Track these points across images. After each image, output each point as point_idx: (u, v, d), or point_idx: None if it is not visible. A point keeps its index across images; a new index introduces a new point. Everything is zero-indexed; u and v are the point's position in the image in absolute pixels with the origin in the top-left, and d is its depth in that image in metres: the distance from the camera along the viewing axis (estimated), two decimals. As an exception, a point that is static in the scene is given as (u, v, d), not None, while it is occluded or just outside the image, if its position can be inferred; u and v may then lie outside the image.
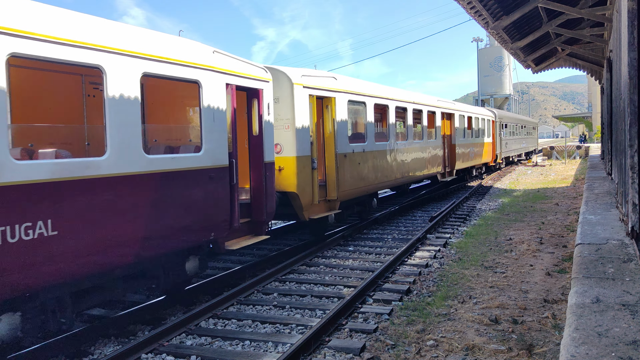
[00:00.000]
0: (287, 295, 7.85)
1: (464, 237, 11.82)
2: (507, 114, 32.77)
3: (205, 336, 6.25)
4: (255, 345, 5.96)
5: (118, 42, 5.80)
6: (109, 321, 6.47)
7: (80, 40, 5.35)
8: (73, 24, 5.39)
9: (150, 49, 6.24)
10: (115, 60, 5.72)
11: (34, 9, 5.07)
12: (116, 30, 5.93)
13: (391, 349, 5.65)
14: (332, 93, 10.99)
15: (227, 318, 6.87)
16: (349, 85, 11.85)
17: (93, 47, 5.48)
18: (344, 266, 9.49)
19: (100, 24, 5.79)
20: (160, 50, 6.38)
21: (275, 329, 6.48)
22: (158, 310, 7.20)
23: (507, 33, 14.44)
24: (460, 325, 6.29)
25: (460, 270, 8.81)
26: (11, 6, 4.84)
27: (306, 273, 9.12)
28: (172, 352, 5.72)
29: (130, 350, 5.53)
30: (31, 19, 4.93)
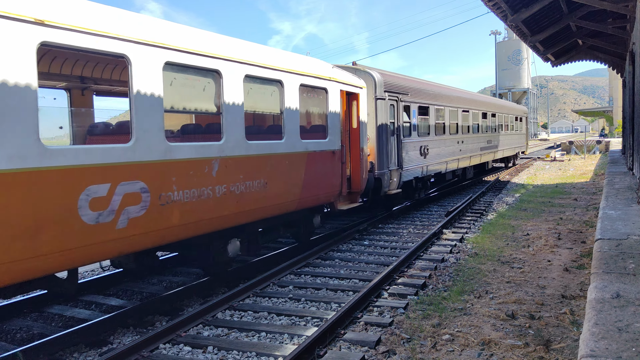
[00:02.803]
0: (302, 288, 7.89)
1: (480, 232, 11.73)
2: (420, 84, 16.18)
3: (222, 327, 6.31)
4: (271, 337, 6.00)
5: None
6: (128, 311, 6.56)
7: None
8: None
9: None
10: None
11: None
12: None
13: (406, 343, 5.65)
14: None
15: (243, 310, 6.93)
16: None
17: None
18: (359, 260, 9.50)
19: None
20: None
21: (291, 321, 6.52)
22: (175, 301, 7.30)
23: (526, 26, 14.24)
24: (477, 320, 6.26)
25: (477, 265, 8.76)
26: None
27: (321, 266, 9.14)
28: (190, 343, 5.80)
29: (148, 340, 5.61)
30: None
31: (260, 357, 5.46)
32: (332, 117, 9.98)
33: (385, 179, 12.50)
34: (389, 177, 12.68)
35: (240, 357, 5.46)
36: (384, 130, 12.46)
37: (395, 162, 13.16)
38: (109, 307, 7.26)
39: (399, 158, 13.36)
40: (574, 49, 19.11)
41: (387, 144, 12.58)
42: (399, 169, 13.31)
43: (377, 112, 12.27)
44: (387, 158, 12.63)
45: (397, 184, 13.23)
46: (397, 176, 13.19)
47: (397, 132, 13.26)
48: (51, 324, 6.71)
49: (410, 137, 14.20)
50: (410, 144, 14.23)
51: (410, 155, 14.11)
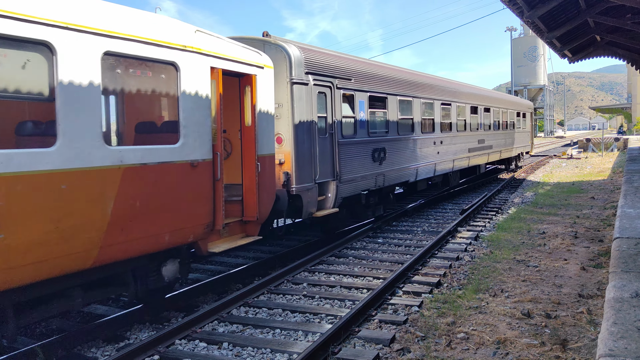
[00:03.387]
0: (316, 285, 7.91)
1: (495, 230, 11.64)
2: (373, 67, 12.30)
3: (237, 324, 6.36)
4: (285, 334, 6.03)
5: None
6: (143, 307, 6.64)
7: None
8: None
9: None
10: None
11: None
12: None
13: (421, 341, 5.63)
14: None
15: (257, 306, 6.97)
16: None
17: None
18: (373, 258, 9.48)
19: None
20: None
21: (305, 318, 6.55)
22: (191, 298, 7.36)
23: (542, 22, 14.05)
24: (492, 319, 6.22)
25: (492, 264, 8.69)
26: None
27: (335, 264, 9.15)
28: (205, 339, 5.85)
29: (164, 336, 5.68)
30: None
31: (275, 353, 5.49)
32: (192, 110, 6.41)
33: (308, 197, 9.00)
34: (315, 193, 9.24)
35: (255, 354, 5.50)
36: (307, 128, 9.00)
37: (328, 172, 9.64)
38: (125, 302, 7.34)
39: (335, 166, 9.78)
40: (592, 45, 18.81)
41: (311, 148, 9.13)
42: (335, 180, 9.76)
43: (293, 102, 8.73)
44: (313, 167, 9.14)
45: (333, 201, 9.78)
46: (333, 190, 9.74)
47: (331, 131, 9.71)
48: (69, 319, 6.81)
49: (355, 136, 10.52)
50: (355, 146, 10.52)
51: (354, 161, 10.46)
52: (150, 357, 5.35)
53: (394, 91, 12.30)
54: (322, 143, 9.50)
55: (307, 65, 9.10)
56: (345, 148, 10.19)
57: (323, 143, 9.53)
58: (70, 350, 5.67)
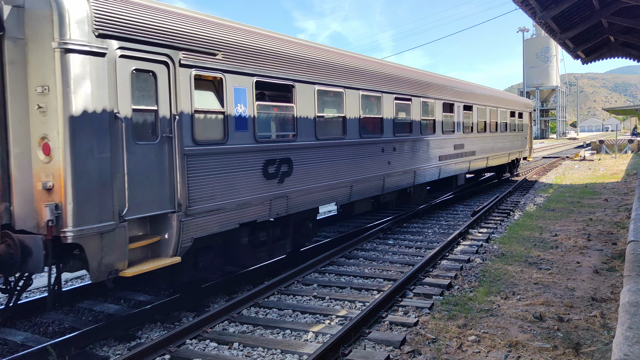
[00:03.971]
0: (326, 286, 7.90)
1: (507, 232, 11.56)
2: (261, 38, 8.05)
3: (247, 324, 6.37)
4: (295, 335, 6.03)
5: None
6: (155, 307, 6.67)
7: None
8: None
9: None
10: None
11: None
12: None
13: (432, 343, 5.60)
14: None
15: (268, 307, 6.98)
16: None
17: None
18: (383, 259, 9.46)
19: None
20: None
21: (315, 319, 6.54)
22: (201, 298, 7.38)
23: (555, 22, 13.94)
24: (503, 322, 6.17)
25: (503, 266, 8.63)
26: None
27: (345, 265, 9.14)
28: (215, 339, 5.86)
29: (175, 336, 5.70)
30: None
31: (285, 354, 5.49)
32: None
33: (102, 245, 5.52)
34: (123, 237, 5.72)
35: (266, 354, 5.51)
36: (101, 128, 5.54)
37: (161, 200, 6.21)
38: (137, 302, 7.39)
39: (177, 189, 6.30)
40: (606, 45, 18.63)
41: (112, 162, 5.64)
42: (178, 212, 6.31)
43: (69, 83, 5.30)
44: (112, 193, 5.60)
45: (175, 245, 6.31)
46: (174, 228, 6.30)
47: (167, 134, 6.28)
48: (81, 318, 6.87)
49: (225, 142, 7.09)
50: (225, 157, 7.10)
51: (223, 180, 7.01)
52: (161, 357, 5.38)
53: (309, 78, 8.79)
54: (145, 153, 6.06)
55: (102, 22, 5.57)
56: (201, 161, 6.69)
57: (146, 153, 6.07)
58: (83, 349, 5.71)
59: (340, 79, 9.68)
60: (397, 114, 11.68)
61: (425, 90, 13.20)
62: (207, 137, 6.90)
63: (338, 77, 9.64)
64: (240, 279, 8.16)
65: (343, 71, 9.82)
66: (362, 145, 10.40)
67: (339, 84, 9.65)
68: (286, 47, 8.44)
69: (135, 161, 5.93)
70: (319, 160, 9.16)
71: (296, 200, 8.57)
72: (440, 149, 14.13)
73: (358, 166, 10.28)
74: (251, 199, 7.58)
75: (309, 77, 8.84)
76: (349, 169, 9.99)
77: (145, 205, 6.05)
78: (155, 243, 6.37)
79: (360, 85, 10.35)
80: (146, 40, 6.04)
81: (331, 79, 9.44)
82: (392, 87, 11.48)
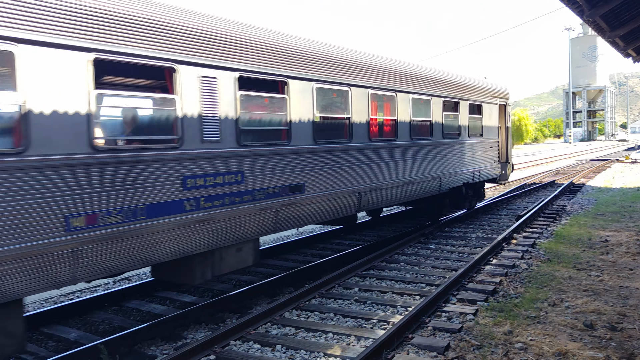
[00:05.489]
0: (367, 290, 7.87)
1: (554, 237, 11.20)
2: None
3: (290, 326, 6.42)
4: (338, 338, 6.03)
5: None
6: (200, 308, 6.82)
7: None
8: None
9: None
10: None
11: None
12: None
13: (477, 350, 5.50)
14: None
15: (309, 310, 7.02)
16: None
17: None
18: (425, 264, 9.34)
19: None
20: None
21: (357, 323, 6.53)
22: (244, 300, 7.49)
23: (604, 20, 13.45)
24: (551, 329, 5.99)
25: (550, 272, 8.37)
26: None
27: (386, 269, 9.08)
28: (259, 341, 5.93)
29: (220, 337, 5.80)
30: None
31: (328, 357, 5.50)
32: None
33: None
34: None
35: (309, 357, 5.53)
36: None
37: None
38: (182, 303, 7.57)
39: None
40: (659, 43, 17.81)
41: None
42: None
43: None
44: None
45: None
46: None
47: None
48: (129, 317, 7.09)
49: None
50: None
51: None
52: (206, 357, 5.49)
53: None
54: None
55: None
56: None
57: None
58: (131, 347, 5.90)
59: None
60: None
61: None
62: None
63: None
64: (281, 282, 8.23)
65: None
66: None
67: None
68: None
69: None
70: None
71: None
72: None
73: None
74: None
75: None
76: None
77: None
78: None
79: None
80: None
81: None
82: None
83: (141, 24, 5.34)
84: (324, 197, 7.91)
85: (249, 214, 6.55)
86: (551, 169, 32.97)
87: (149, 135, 6.18)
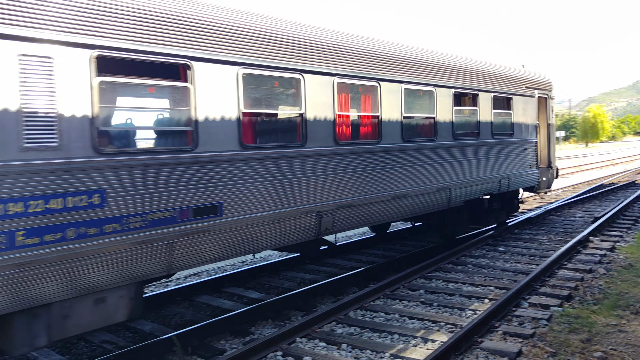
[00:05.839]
0: (434, 292, 7.71)
1: (635, 241, 10.49)
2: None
3: (355, 326, 6.40)
4: (404, 340, 5.96)
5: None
6: (266, 305, 6.96)
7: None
8: None
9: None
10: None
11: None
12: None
13: (551, 357, 5.24)
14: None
15: (374, 310, 6.97)
16: None
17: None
18: (494, 267, 9.03)
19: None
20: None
21: (423, 325, 6.41)
22: (308, 298, 7.57)
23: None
24: (634, 339, 5.61)
25: (633, 278, 7.84)
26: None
27: (453, 272, 8.86)
28: (325, 339, 5.97)
29: (286, 333, 5.89)
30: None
31: (394, 358, 5.44)
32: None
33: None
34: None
35: (374, 357, 5.50)
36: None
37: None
38: (249, 299, 7.76)
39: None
40: None
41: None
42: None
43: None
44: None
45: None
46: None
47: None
48: (200, 312, 7.35)
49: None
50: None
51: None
52: (274, 353, 5.59)
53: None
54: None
55: None
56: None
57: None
58: (202, 341, 6.10)
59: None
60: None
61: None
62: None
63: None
64: (344, 281, 8.24)
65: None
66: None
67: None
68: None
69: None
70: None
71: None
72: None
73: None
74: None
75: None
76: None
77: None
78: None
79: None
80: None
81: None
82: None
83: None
84: (257, 220, 5.93)
85: (114, 250, 4.67)
86: (631, 168, 30.92)
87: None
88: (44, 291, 4.27)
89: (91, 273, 4.56)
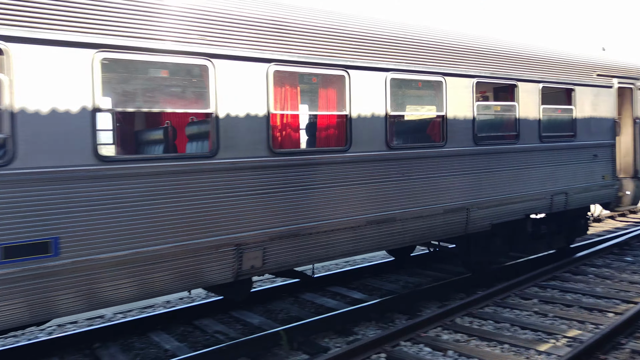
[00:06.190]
0: (549, 302, 7.19)
1: None
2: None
3: (461, 333, 6.16)
4: (515, 351, 5.62)
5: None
6: (370, 306, 6.94)
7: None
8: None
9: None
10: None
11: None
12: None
13: (692, 383, 4.64)
14: None
15: (482, 318, 6.66)
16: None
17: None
18: (619, 278, 8.21)
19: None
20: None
21: (537, 337, 6.00)
22: (413, 301, 7.42)
23: None
24: None
25: None
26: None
27: (571, 281, 8.20)
28: (430, 344, 5.81)
29: (390, 336, 5.81)
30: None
31: (504, 369, 5.16)
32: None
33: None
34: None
35: (483, 367, 5.25)
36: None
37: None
38: (352, 299, 7.79)
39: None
40: None
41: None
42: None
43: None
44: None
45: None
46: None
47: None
48: (304, 309, 7.52)
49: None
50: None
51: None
52: (377, 354, 5.55)
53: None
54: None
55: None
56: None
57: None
58: (307, 337, 6.23)
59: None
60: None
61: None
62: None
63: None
64: (450, 286, 7.97)
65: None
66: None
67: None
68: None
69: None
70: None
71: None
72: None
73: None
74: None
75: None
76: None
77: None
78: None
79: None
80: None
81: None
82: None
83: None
84: (119, 260, 4.35)
85: None
86: None
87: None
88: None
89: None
